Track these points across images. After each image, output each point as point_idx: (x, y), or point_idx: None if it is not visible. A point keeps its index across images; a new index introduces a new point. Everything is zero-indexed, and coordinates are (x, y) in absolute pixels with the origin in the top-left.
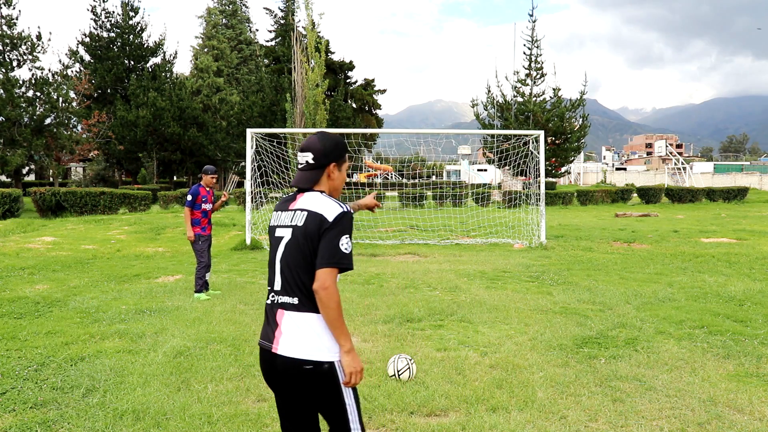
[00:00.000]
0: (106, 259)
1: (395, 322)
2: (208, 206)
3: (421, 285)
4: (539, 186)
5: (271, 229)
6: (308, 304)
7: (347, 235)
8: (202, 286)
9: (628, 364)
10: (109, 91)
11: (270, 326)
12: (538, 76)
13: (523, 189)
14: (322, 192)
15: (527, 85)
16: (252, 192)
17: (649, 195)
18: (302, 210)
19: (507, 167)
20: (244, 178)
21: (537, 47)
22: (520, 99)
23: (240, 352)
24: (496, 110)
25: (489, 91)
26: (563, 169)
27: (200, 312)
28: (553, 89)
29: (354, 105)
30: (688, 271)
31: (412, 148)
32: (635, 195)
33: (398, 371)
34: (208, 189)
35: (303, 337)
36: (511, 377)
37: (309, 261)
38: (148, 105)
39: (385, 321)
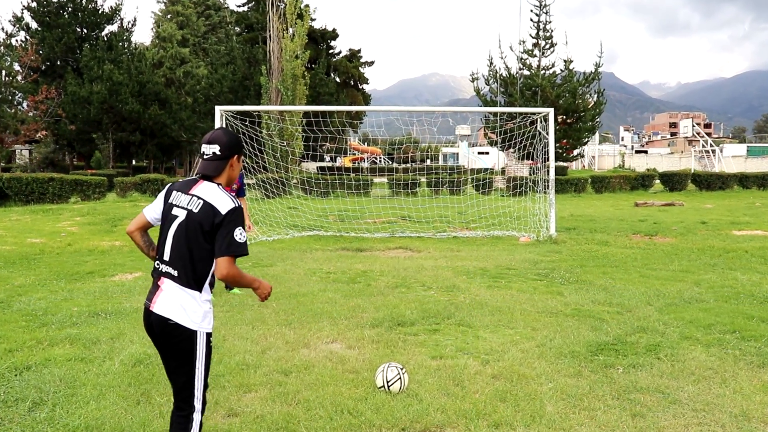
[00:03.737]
0: (56, 254)
1: (384, 326)
2: None
3: (414, 284)
4: (548, 171)
5: (169, 206)
6: (185, 278)
7: (240, 227)
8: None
9: (650, 373)
10: (58, 63)
11: (153, 288)
12: (547, 46)
13: (530, 174)
14: (219, 185)
15: (535, 56)
16: None
17: (673, 181)
18: (199, 198)
19: (511, 150)
20: None
21: (546, 13)
22: (526, 72)
23: None
24: (499, 85)
25: (491, 63)
26: (576, 152)
27: None
28: (564, 61)
29: (337, 79)
30: (718, 268)
31: (404, 128)
32: (657, 181)
33: (388, 382)
34: None
35: (174, 303)
36: (516, 389)
37: (195, 243)
38: (104, 79)
39: (372, 325)
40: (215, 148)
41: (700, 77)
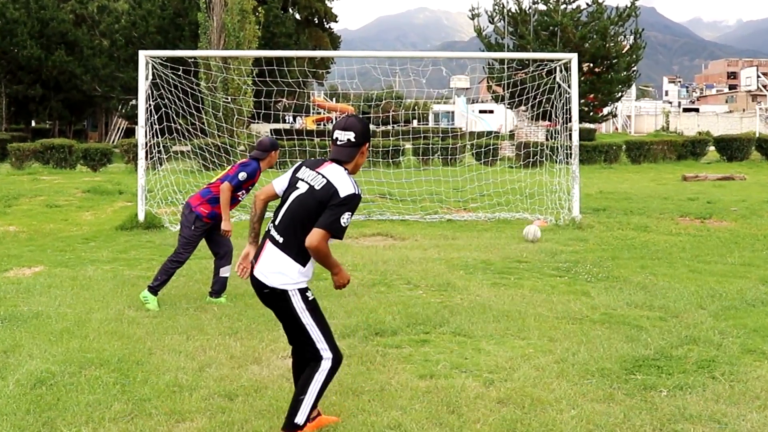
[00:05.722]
0: None
1: (358, 335)
2: (244, 196)
3: (397, 281)
4: (570, 135)
5: (294, 179)
6: (287, 245)
7: (350, 213)
8: (161, 285)
9: (702, 397)
10: None
11: (259, 249)
12: None
13: (547, 140)
14: (346, 169)
15: None
16: (147, 144)
17: (732, 148)
18: (324, 177)
19: (523, 108)
20: (135, 123)
21: None
22: (542, 7)
23: (129, 379)
24: (507, 23)
25: None
26: (606, 111)
27: (71, 321)
28: None
29: (298, 16)
30: None
31: (383, 79)
32: (712, 148)
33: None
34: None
35: (271, 268)
36: (529, 417)
37: (308, 217)
38: None
39: (343, 334)
40: (350, 135)
41: (767, 14)
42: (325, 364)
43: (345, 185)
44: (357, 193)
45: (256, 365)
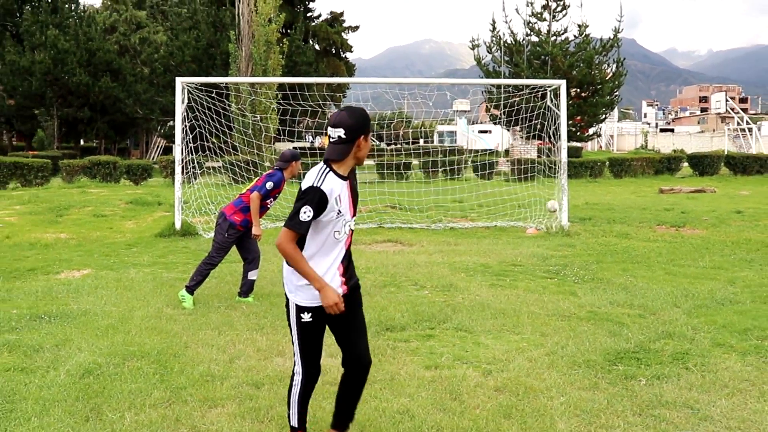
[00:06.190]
0: None
1: (371, 331)
2: (272, 204)
3: (405, 282)
4: (560, 152)
5: None
6: None
7: (308, 206)
8: (197, 285)
9: (677, 386)
10: None
11: None
12: (559, 9)
13: (539, 156)
14: (326, 167)
15: (544, 20)
16: (183, 160)
17: (703, 164)
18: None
19: (517, 128)
20: (173, 142)
21: None
22: (534, 38)
23: (167, 370)
24: (503, 53)
25: (494, 28)
26: (591, 131)
27: (115, 318)
28: (579, 26)
29: (317, 47)
30: (756, 265)
31: (394, 102)
32: (686, 164)
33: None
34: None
35: (285, 273)
36: (523, 403)
37: None
38: (47, 46)
39: None
40: (340, 132)
41: (735, 44)
42: (296, 378)
43: (308, 179)
44: (315, 185)
45: (280, 357)
